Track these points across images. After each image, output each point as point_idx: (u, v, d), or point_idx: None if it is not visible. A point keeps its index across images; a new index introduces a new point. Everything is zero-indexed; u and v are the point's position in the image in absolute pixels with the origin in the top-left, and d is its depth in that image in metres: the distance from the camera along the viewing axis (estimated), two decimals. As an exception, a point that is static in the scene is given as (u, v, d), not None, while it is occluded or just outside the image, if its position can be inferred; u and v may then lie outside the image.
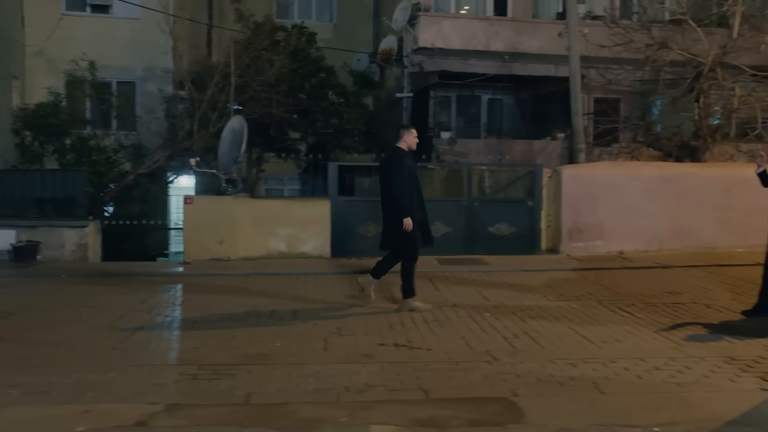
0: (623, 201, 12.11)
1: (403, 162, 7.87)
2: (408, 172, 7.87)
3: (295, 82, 14.17)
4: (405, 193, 7.76)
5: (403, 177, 7.78)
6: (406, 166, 7.87)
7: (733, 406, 4.55)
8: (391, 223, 7.92)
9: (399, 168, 7.82)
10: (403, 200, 7.76)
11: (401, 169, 7.81)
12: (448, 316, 7.70)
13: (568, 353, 6.02)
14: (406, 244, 7.95)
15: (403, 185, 7.76)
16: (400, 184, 7.77)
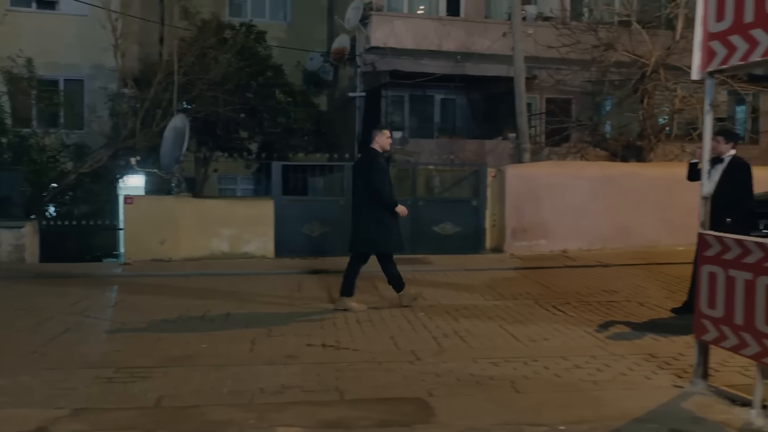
0: (567, 200, 12.22)
1: (377, 160, 7.84)
2: (386, 171, 7.85)
3: (242, 81, 14.01)
4: (384, 187, 7.73)
5: (382, 174, 7.76)
6: (382, 164, 7.84)
7: (643, 404, 4.58)
8: (366, 224, 7.85)
9: (377, 166, 7.79)
10: (387, 195, 7.75)
11: (379, 167, 7.78)
12: (382, 316, 7.67)
13: (493, 352, 6.02)
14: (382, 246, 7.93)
15: (383, 181, 7.75)
16: (380, 180, 7.73)
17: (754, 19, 4.30)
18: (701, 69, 4.81)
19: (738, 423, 4.23)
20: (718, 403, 4.57)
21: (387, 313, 7.84)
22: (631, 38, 15.07)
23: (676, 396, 4.75)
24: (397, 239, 8.08)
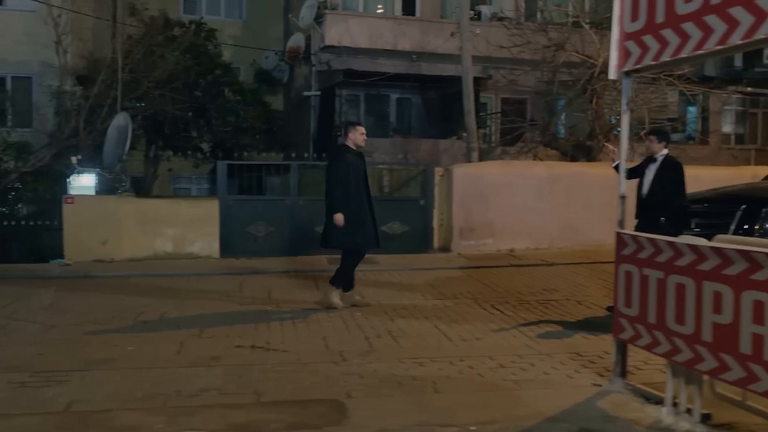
0: (514, 200, 12.26)
1: (342, 159, 7.75)
2: (350, 170, 7.72)
3: (190, 79, 13.82)
4: (339, 189, 7.63)
5: (340, 174, 7.66)
6: (347, 164, 7.73)
7: (559, 403, 4.58)
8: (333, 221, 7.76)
9: (336, 164, 7.73)
10: (336, 196, 7.64)
11: (338, 165, 7.71)
12: (318, 316, 7.61)
13: (422, 352, 5.99)
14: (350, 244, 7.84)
15: (338, 181, 7.64)
16: (335, 179, 7.66)
17: (664, 19, 4.32)
18: (618, 68, 4.83)
19: (648, 421, 4.25)
20: (633, 401, 4.59)
21: (324, 312, 7.78)
22: (582, 39, 15.21)
23: (594, 395, 4.77)
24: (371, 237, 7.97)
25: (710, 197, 7.79)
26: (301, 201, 11.83)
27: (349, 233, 7.71)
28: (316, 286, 9.46)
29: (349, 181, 7.71)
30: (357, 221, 7.73)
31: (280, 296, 8.81)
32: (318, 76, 20.31)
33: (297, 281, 9.87)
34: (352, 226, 7.70)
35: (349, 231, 7.69)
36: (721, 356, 3.84)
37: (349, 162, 7.77)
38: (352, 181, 7.77)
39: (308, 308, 8.01)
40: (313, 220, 11.65)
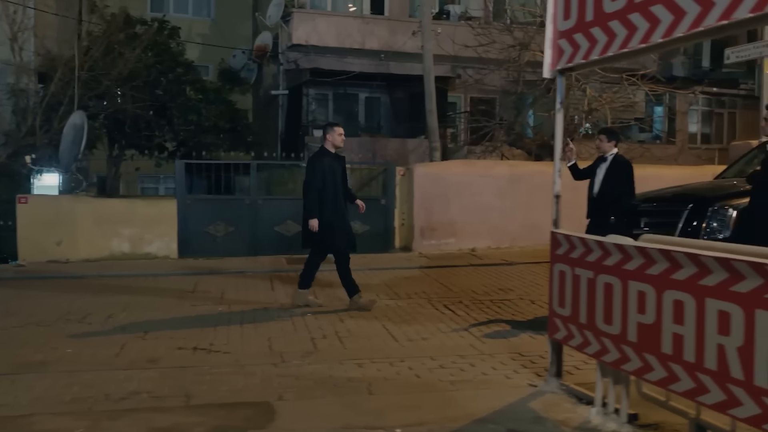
0: (475, 199, 12.26)
1: (318, 161, 7.64)
2: (326, 174, 7.61)
3: (151, 78, 13.64)
4: (312, 192, 7.55)
5: (315, 176, 7.56)
6: (323, 166, 7.62)
7: (491, 404, 4.54)
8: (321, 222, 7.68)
9: (312, 167, 7.64)
10: (309, 200, 7.57)
11: (314, 168, 7.61)
12: (269, 317, 7.54)
13: (365, 353, 5.93)
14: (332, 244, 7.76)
15: (311, 184, 7.56)
16: (308, 182, 7.59)
17: (593, 17, 4.30)
18: (551, 67, 4.80)
19: (577, 422, 4.22)
20: (565, 401, 4.56)
21: (275, 312, 7.72)
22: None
23: (528, 395, 4.73)
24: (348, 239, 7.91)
25: (659, 197, 7.80)
26: (260, 200, 11.73)
27: (326, 236, 7.65)
28: (272, 287, 9.40)
29: (325, 186, 7.61)
30: (333, 224, 7.66)
31: (233, 297, 8.72)
32: (286, 75, 20.20)
33: (253, 282, 9.78)
34: (328, 230, 7.63)
35: (326, 234, 7.64)
36: (645, 356, 3.82)
37: (325, 166, 7.66)
38: (329, 185, 7.67)
39: (259, 309, 7.95)
40: (273, 220, 11.62)
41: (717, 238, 6.82)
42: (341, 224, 7.80)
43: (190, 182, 12.09)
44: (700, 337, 3.44)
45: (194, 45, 22.28)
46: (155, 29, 14.92)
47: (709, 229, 6.88)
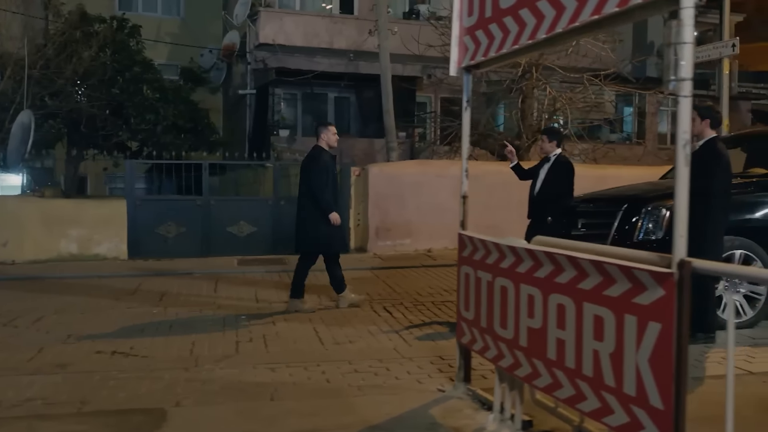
0: (431, 199, 12.14)
1: (321, 160, 7.51)
2: (329, 172, 7.53)
3: (106, 76, 13.44)
4: (325, 191, 7.45)
5: (322, 175, 7.45)
6: (326, 166, 7.51)
7: (392, 410, 4.42)
8: (310, 224, 7.55)
9: (317, 166, 7.47)
10: (325, 198, 7.45)
11: (318, 168, 7.46)
12: (203, 319, 7.42)
13: (284, 357, 5.80)
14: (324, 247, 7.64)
15: (323, 183, 7.44)
16: (319, 182, 7.44)
17: (491, 14, 4.19)
18: (457, 64, 4.69)
19: (472, 428, 4.11)
20: (468, 407, 4.45)
21: (210, 315, 7.62)
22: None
23: (433, 400, 4.62)
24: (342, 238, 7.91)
25: (596, 198, 7.71)
26: (213, 201, 11.58)
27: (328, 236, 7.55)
28: (215, 289, 9.25)
29: (327, 182, 7.52)
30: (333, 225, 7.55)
31: (172, 299, 8.57)
32: (253, 75, 20.05)
33: (197, 283, 9.62)
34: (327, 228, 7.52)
35: (328, 234, 7.53)
36: (534, 362, 3.72)
37: (327, 163, 7.56)
38: (330, 185, 7.60)
39: (195, 311, 7.80)
40: (225, 220, 11.46)
41: (651, 239, 6.74)
42: (338, 226, 7.69)
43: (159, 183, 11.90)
44: (579, 343, 3.33)
45: (164, 44, 22.15)
46: (115, 27, 14.70)
47: (644, 229, 6.79)
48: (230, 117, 22.25)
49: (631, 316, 2.99)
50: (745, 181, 7.29)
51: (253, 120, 19.82)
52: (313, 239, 7.63)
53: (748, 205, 7.00)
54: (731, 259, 6.71)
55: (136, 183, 21.90)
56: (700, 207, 6.01)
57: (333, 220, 7.50)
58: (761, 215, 6.92)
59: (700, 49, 13.85)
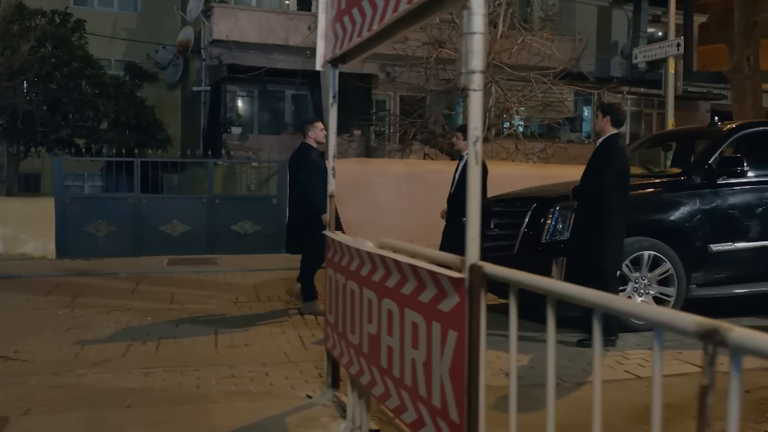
0: (371, 198, 11.98)
1: (309, 157, 7.24)
2: (319, 170, 7.22)
3: (42, 71, 13.13)
4: (315, 189, 7.11)
5: (311, 172, 7.19)
6: (315, 164, 7.24)
7: (248, 418, 4.24)
8: (300, 224, 7.30)
9: (306, 164, 7.21)
10: (315, 196, 7.11)
11: (308, 164, 7.20)
12: (107, 320, 7.22)
13: (168, 362, 5.61)
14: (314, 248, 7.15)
15: (312, 181, 7.16)
16: (309, 180, 7.18)
17: (345, 5, 4.02)
18: (323, 59, 4.52)
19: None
20: (326, 415, 4.29)
21: (117, 316, 7.41)
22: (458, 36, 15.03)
23: (295, 408, 4.44)
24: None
25: (508, 198, 7.59)
26: (145, 199, 11.34)
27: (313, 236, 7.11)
28: (133, 290, 9.02)
29: (319, 180, 7.18)
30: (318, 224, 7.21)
31: (84, 301, 8.32)
32: (208, 72, 19.81)
33: (118, 284, 9.39)
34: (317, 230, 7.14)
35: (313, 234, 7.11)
36: (372, 369, 3.55)
37: (316, 161, 7.30)
38: (322, 181, 7.31)
39: (102, 312, 7.58)
40: (157, 219, 11.23)
41: (558, 240, 6.62)
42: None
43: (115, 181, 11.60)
44: (402, 351, 3.17)
45: (121, 40, 21.85)
46: (57, 22, 14.38)
47: (551, 230, 6.67)
48: (187, 114, 21.98)
49: (436, 323, 2.83)
50: (656, 181, 7.19)
51: (208, 117, 19.59)
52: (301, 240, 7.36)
53: (658, 204, 6.91)
54: (640, 260, 6.62)
55: (93, 181, 21.74)
56: (595, 207, 5.92)
57: (324, 220, 7.14)
58: (671, 215, 6.82)
59: (647, 48, 13.78)
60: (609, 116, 6.12)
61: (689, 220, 6.82)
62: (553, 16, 21.99)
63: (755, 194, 7.07)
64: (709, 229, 6.85)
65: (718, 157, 6.98)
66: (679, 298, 6.69)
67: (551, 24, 21.19)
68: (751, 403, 4.53)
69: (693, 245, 6.79)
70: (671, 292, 6.65)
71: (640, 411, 4.43)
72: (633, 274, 6.60)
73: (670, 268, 6.64)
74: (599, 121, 6.23)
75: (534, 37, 14.83)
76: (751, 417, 4.25)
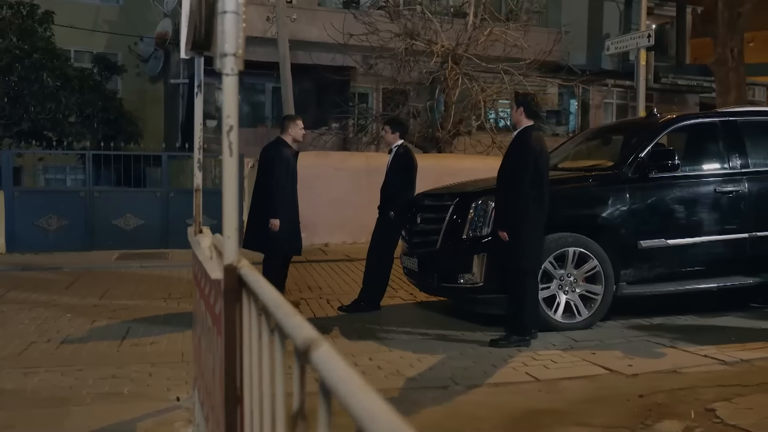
0: (329, 192, 11.79)
1: (283, 156, 7.02)
2: (289, 169, 7.05)
3: (2, 63, 12.97)
4: (282, 191, 6.93)
5: (282, 173, 6.97)
6: (287, 163, 7.02)
7: (102, 421, 4.06)
8: (261, 220, 7.06)
9: (279, 162, 6.97)
10: (278, 199, 6.91)
11: (281, 163, 6.97)
12: (25, 316, 7.08)
13: (63, 360, 5.43)
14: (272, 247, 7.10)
15: (281, 182, 6.95)
16: (277, 181, 6.95)
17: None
18: (188, 47, 4.29)
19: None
20: (182, 419, 4.10)
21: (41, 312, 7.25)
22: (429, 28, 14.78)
23: (157, 411, 4.25)
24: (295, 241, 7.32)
25: (436, 192, 7.36)
26: (97, 193, 11.17)
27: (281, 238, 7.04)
28: (69, 285, 8.85)
29: (287, 182, 7.05)
30: (292, 226, 7.14)
31: (16, 294, 8.21)
32: (186, 64, 19.62)
33: (58, 279, 9.24)
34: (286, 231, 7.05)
35: (282, 236, 7.03)
36: (198, 373, 3.35)
37: (288, 160, 7.08)
38: (290, 182, 7.12)
39: (25, 308, 7.41)
40: (110, 213, 11.07)
41: (479, 235, 6.40)
42: (294, 226, 7.26)
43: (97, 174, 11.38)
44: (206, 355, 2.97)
45: (102, 33, 21.69)
46: (24, 14, 14.20)
47: (473, 224, 6.45)
48: (168, 107, 21.83)
49: (214, 327, 2.63)
50: (585, 175, 6.95)
51: (186, 110, 19.42)
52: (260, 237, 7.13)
53: (585, 199, 6.68)
54: (564, 256, 6.38)
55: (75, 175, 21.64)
56: (512, 196, 5.71)
57: (272, 224, 6.97)
58: (598, 210, 6.58)
59: (619, 40, 13.51)
60: (523, 107, 5.90)
61: (617, 215, 6.57)
62: (540, 8, 21.73)
63: (689, 189, 6.82)
64: (639, 225, 6.60)
65: (650, 151, 6.71)
66: (607, 296, 6.44)
67: (536, 15, 20.95)
68: (638, 408, 4.30)
69: (621, 241, 6.54)
70: (598, 290, 6.41)
71: (516, 416, 4.21)
72: (558, 272, 6.36)
73: (597, 266, 6.40)
74: (514, 113, 6.01)
75: (506, 29, 14.55)
76: (627, 424, 4.02)
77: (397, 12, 15.38)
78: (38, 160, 18.90)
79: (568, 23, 21.44)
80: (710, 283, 6.79)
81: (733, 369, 5.16)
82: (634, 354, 5.55)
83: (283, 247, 7.24)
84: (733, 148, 7.02)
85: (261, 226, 7.13)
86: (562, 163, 8.02)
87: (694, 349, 5.65)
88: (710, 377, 4.93)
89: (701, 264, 6.76)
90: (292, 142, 7.27)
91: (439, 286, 6.83)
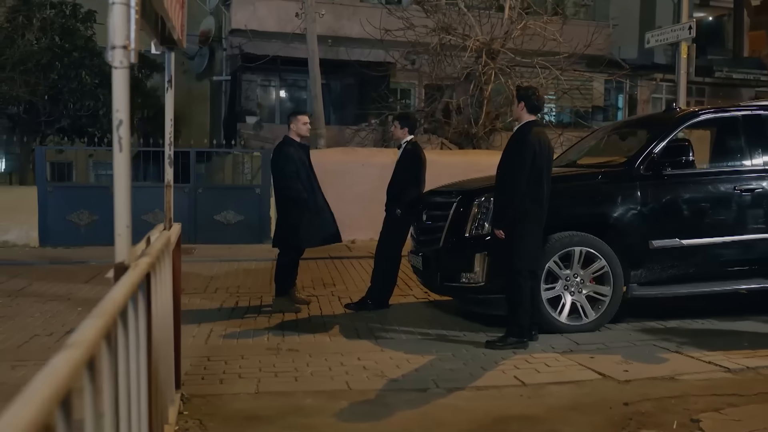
0: (355, 188, 11.72)
1: (286, 152, 7.08)
2: (298, 163, 7.06)
3: (43, 62, 13.28)
4: (296, 184, 6.95)
5: (290, 167, 7.01)
6: (293, 157, 7.06)
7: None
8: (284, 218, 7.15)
9: (284, 158, 7.06)
10: (295, 187, 6.94)
11: (286, 159, 7.04)
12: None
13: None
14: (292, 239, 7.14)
15: (292, 176, 6.97)
16: (288, 175, 6.99)
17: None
18: (158, 42, 4.26)
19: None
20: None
21: (36, 306, 7.30)
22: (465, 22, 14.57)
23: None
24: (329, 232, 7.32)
25: (440, 190, 7.21)
26: (126, 188, 11.33)
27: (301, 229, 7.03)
28: (90, 278, 8.98)
29: (294, 179, 7.04)
30: (315, 215, 7.10)
31: (37, 287, 8.34)
32: (229, 61, 19.85)
33: (79, 272, 9.37)
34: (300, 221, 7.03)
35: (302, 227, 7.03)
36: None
37: (293, 157, 7.08)
38: (302, 178, 7.10)
39: (40, 300, 7.53)
40: (141, 208, 11.21)
41: (482, 233, 6.23)
42: (322, 213, 7.22)
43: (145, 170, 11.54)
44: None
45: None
46: (67, 13, 14.53)
47: (476, 221, 6.28)
48: (213, 104, 22.13)
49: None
50: (595, 171, 6.70)
51: (228, 107, 19.65)
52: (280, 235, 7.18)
53: (592, 197, 6.44)
54: (570, 256, 6.16)
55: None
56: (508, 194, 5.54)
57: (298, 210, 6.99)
58: (607, 208, 6.33)
59: (659, 32, 13.06)
60: (524, 102, 5.70)
61: (627, 213, 6.31)
62: (588, 1, 21.22)
63: (706, 186, 6.51)
64: (651, 224, 6.32)
65: (665, 146, 6.42)
66: (615, 298, 6.19)
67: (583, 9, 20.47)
68: (618, 417, 4.09)
69: (631, 241, 6.28)
70: (606, 291, 6.17)
71: (486, 422, 4.06)
72: (563, 272, 6.14)
73: (605, 266, 6.15)
74: (515, 108, 5.82)
75: (544, 22, 14.22)
76: (599, 435, 3.83)
77: (435, 7, 15.16)
78: (89, 156, 19.36)
79: (618, 16, 20.90)
80: (727, 286, 6.47)
81: (735, 377, 4.88)
82: (634, 359, 5.31)
83: (301, 238, 7.11)
84: (757, 143, 6.67)
85: (280, 224, 7.16)
86: (581, 159, 7.78)
87: (699, 355, 5.38)
88: (707, 385, 4.67)
89: (718, 265, 6.45)
90: (297, 137, 7.22)
91: (442, 285, 6.69)
